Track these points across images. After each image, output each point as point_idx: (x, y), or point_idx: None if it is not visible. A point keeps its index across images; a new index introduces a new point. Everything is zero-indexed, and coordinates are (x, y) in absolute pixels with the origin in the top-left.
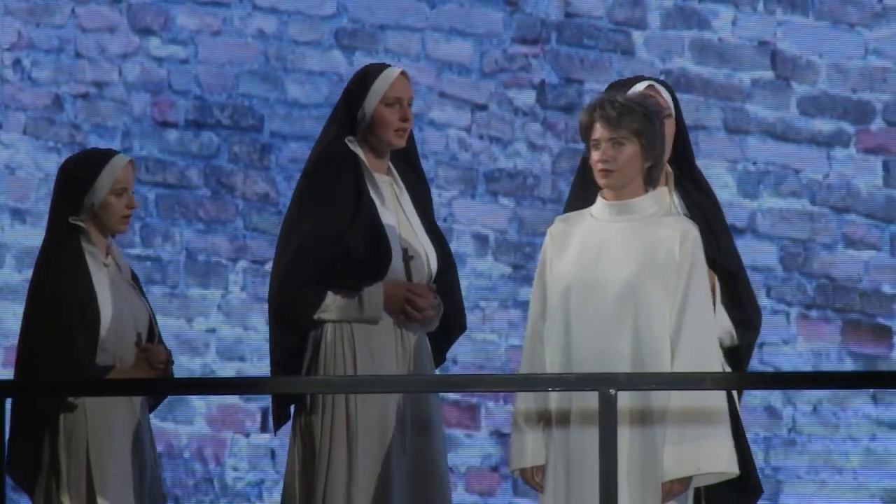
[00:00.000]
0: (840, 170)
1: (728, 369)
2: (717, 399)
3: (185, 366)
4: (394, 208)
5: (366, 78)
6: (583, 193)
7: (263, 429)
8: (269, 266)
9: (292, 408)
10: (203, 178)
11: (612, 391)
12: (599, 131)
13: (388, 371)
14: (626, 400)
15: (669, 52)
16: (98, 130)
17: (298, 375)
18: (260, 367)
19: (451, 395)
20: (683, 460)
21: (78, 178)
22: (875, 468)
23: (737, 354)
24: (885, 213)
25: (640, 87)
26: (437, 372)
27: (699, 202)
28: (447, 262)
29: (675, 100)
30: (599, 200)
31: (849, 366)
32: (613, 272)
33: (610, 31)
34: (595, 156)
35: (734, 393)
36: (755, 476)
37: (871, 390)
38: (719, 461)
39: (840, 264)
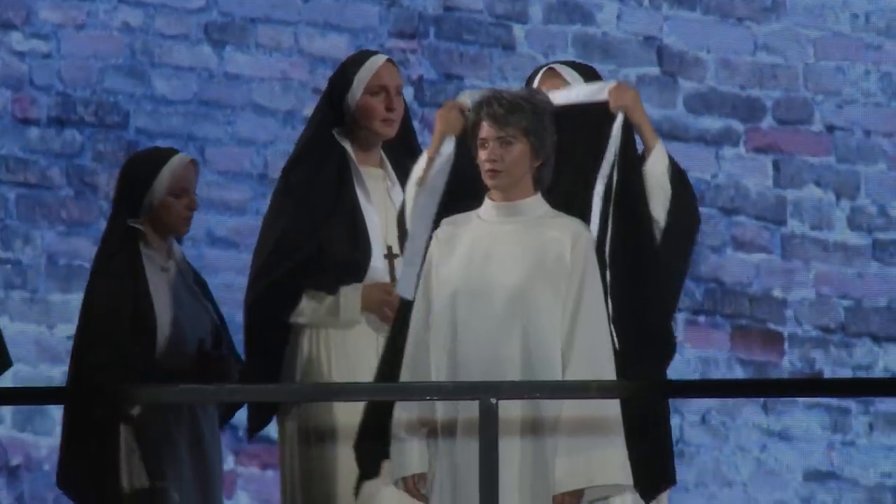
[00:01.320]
0: (729, 169)
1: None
2: (610, 408)
3: (46, 374)
4: (381, 203)
5: (349, 67)
6: None
7: None
8: None
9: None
10: (65, 177)
11: (493, 400)
12: (486, 130)
13: (367, 378)
14: (515, 409)
15: (552, 47)
16: None
17: (278, 382)
18: None
19: None
20: (576, 472)
21: (136, 178)
22: (766, 480)
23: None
24: (776, 215)
25: (540, 72)
26: None
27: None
28: None
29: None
30: (487, 201)
31: (738, 373)
32: (501, 276)
33: (490, 25)
34: (482, 155)
35: None
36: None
37: (762, 399)
38: (613, 473)
39: (729, 268)
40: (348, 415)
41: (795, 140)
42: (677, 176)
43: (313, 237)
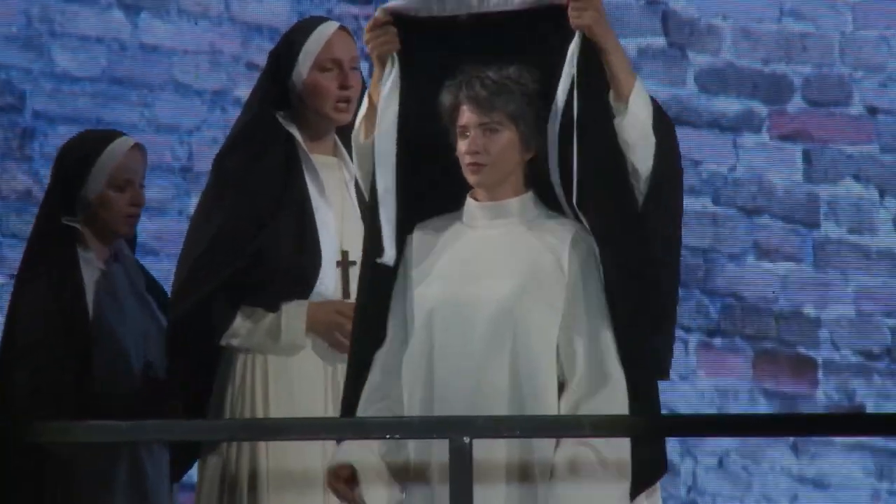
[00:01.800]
0: (750, 161)
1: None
2: (619, 448)
3: None
4: (337, 198)
5: (294, 37)
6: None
7: None
8: None
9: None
10: None
11: (465, 439)
12: (467, 115)
13: (313, 414)
14: (499, 451)
15: None
16: None
17: (203, 415)
18: None
19: None
20: None
21: (69, 166)
22: None
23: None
24: (807, 216)
25: None
26: None
27: None
28: None
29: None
30: (470, 201)
31: (763, 407)
32: (487, 289)
33: None
34: (462, 146)
35: None
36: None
37: (791, 438)
38: None
39: (750, 280)
40: (287, 456)
41: (830, 125)
42: (659, 117)
43: (252, 240)
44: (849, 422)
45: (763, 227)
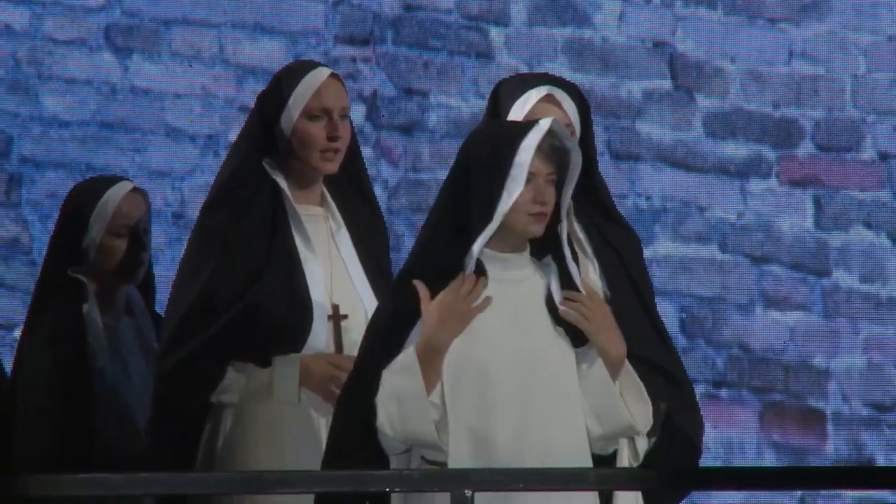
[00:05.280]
0: (758, 207)
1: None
2: None
3: None
4: (325, 252)
5: (283, 82)
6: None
7: None
8: (18, 333)
9: None
10: None
11: (467, 492)
12: (537, 163)
13: (307, 468)
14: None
15: (538, 55)
16: None
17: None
18: None
19: None
20: None
21: (69, 215)
22: None
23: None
24: (817, 264)
25: (533, 94)
26: None
27: (610, 234)
28: None
29: (585, 107)
30: (488, 253)
31: (770, 460)
32: (534, 340)
33: (462, 28)
34: (528, 194)
35: None
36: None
37: (799, 493)
38: None
39: (758, 330)
40: None
41: (841, 171)
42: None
43: (240, 295)
44: (858, 475)
45: (771, 275)
